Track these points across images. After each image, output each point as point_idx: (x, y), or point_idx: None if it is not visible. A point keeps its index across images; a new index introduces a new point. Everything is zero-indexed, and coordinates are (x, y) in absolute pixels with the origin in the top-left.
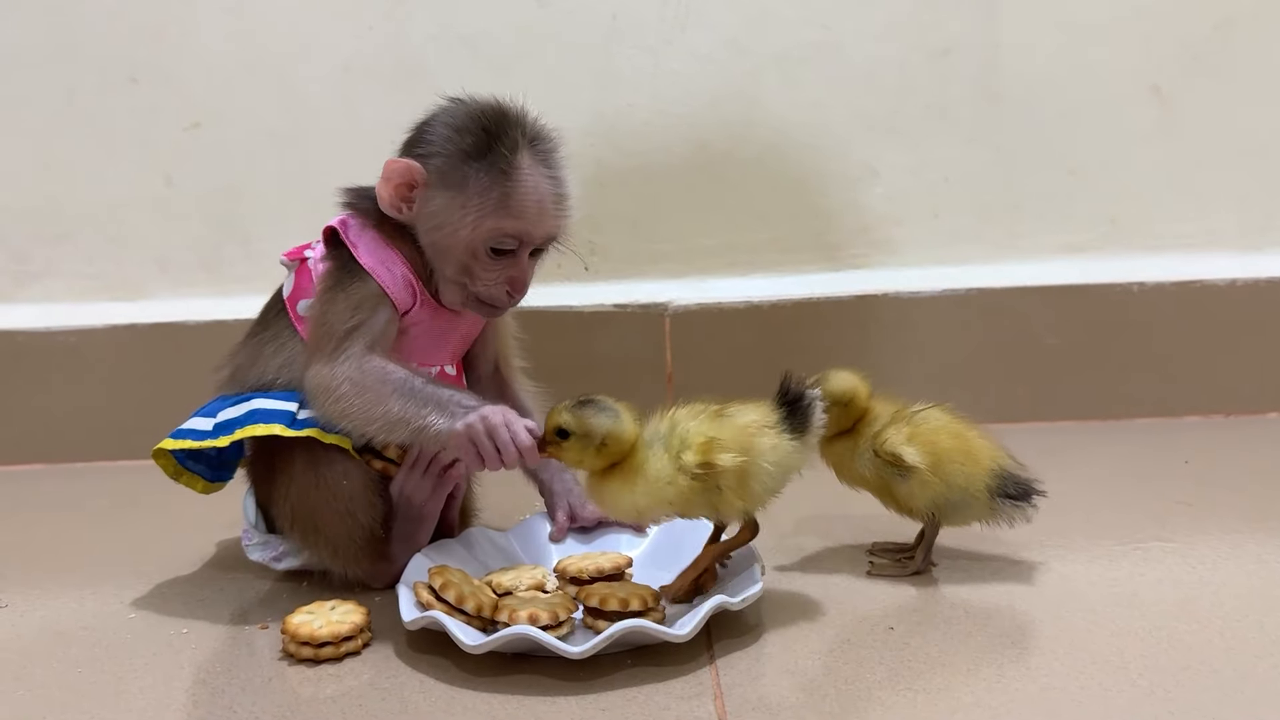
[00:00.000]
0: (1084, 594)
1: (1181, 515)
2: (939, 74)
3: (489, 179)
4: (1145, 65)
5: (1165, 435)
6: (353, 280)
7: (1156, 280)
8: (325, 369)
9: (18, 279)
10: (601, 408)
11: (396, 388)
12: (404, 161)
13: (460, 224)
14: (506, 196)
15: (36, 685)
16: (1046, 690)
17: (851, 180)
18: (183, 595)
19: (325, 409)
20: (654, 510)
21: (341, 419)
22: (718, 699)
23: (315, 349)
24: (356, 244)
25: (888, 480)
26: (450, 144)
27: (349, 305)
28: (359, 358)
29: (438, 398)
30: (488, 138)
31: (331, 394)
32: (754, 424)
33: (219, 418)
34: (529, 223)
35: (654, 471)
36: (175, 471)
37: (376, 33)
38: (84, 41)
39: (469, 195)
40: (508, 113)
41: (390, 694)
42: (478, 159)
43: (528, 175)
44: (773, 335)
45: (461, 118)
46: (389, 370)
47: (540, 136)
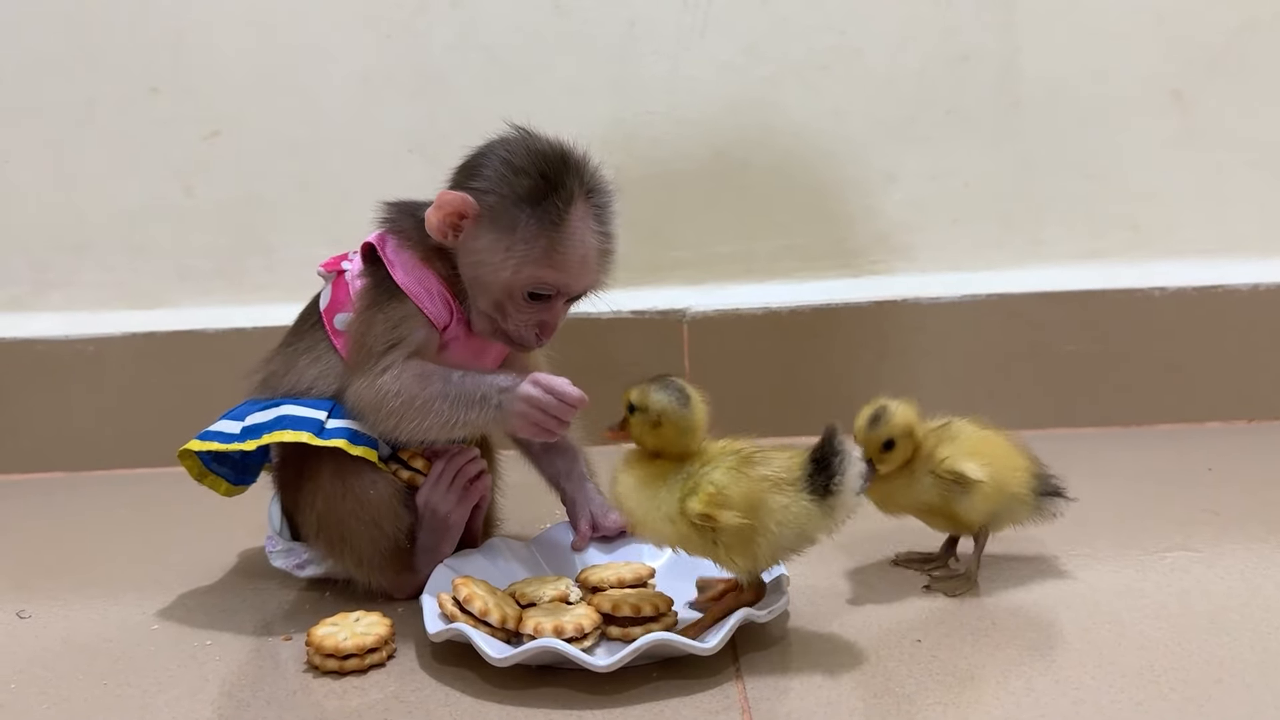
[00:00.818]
0: (1112, 605)
1: (1207, 524)
2: (958, 80)
3: (538, 227)
4: (1166, 69)
5: (1187, 442)
6: (390, 300)
7: (1178, 285)
8: (367, 385)
9: (38, 288)
10: (667, 386)
11: (439, 388)
12: (459, 195)
13: (502, 266)
14: (552, 248)
15: (61, 699)
16: (1078, 704)
17: (870, 187)
18: (205, 606)
19: (378, 424)
20: (651, 535)
21: (396, 431)
22: (745, 714)
23: (355, 367)
24: (394, 262)
25: (950, 499)
26: (505, 184)
27: (387, 325)
28: (399, 366)
29: (479, 386)
30: (545, 184)
31: (380, 408)
32: (770, 480)
33: (247, 421)
34: (570, 276)
35: (660, 499)
36: (200, 473)
37: (396, 42)
38: (104, 52)
39: (515, 240)
40: (569, 160)
41: (415, 707)
42: (531, 205)
43: (577, 229)
44: (791, 342)
45: (522, 157)
46: (426, 369)
47: (597, 189)
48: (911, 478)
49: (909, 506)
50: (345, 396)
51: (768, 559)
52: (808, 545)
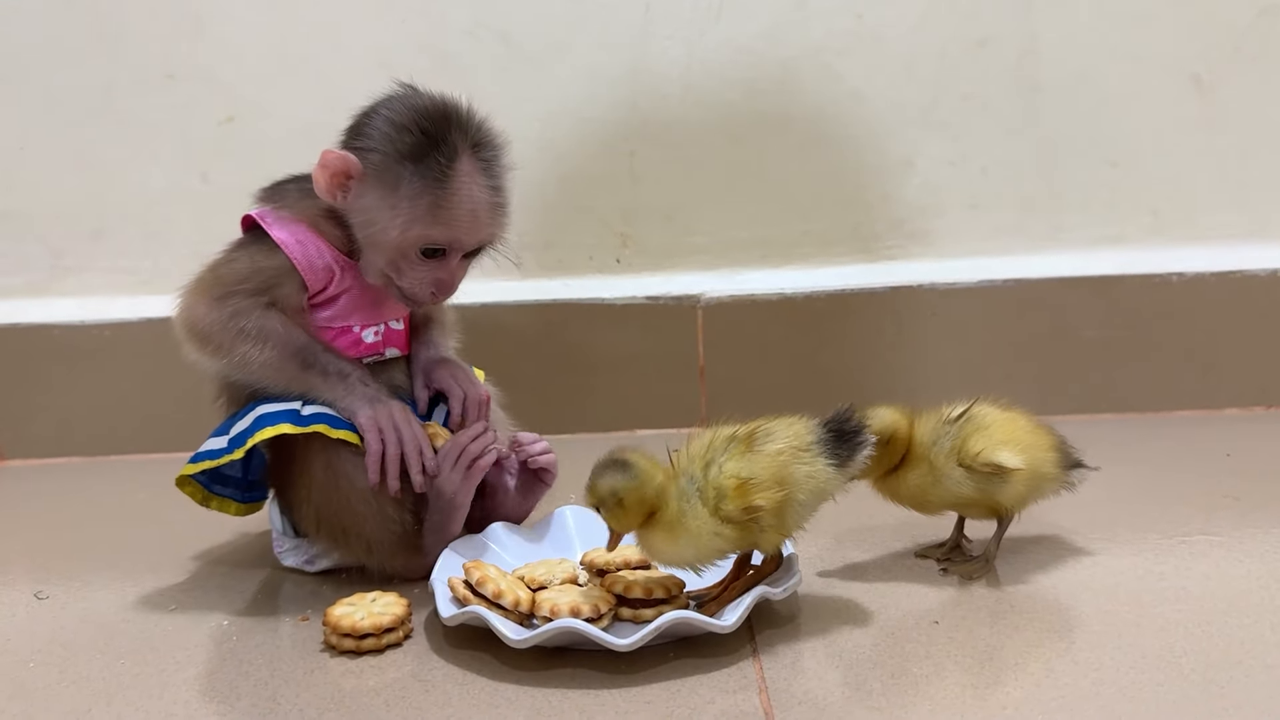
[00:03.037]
0: (1131, 588)
1: (1227, 509)
2: (977, 64)
3: (422, 184)
4: (1186, 54)
5: (1206, 428)
6: (262, 247)
7: (1197, 271)
8: (205, 308)
9: (55, 273)
10: (606, 466)
11: (294, 351)
12: (340, 154)
13: (390, 225)
14: (437, 205)
15: (81, 678)
16: (1098, 685)
17: (888, 171)
18: (222, 588)
19: (192, 345)
20: (705, 560)
21: (214, 363)
22: (762, 692)
23: (194, 287)
24: (271, 222)
25: (988, 490)
26: (388, 141)
27: (251, 265)
28: (252, 308)
29: (339, 369)
30: (426, 141)
31: (208, 337)
32: (787, 451)
33: (231, 433)
34: (460, 231)
35: (695, 527)
36: (204, 499)
37: (411, 27)
38: (121, 38)
39: (400, 198)
40: (450, 114)
41: (433, 686)
42: (413, 161)
43: (463, 184)
44: (806, 328)
45: (404, 114)
46: (289, 331)
47: (483, 142)
48: (935, 475)
49: (944, 501)
50: (175, 307)
51: (795, 525)
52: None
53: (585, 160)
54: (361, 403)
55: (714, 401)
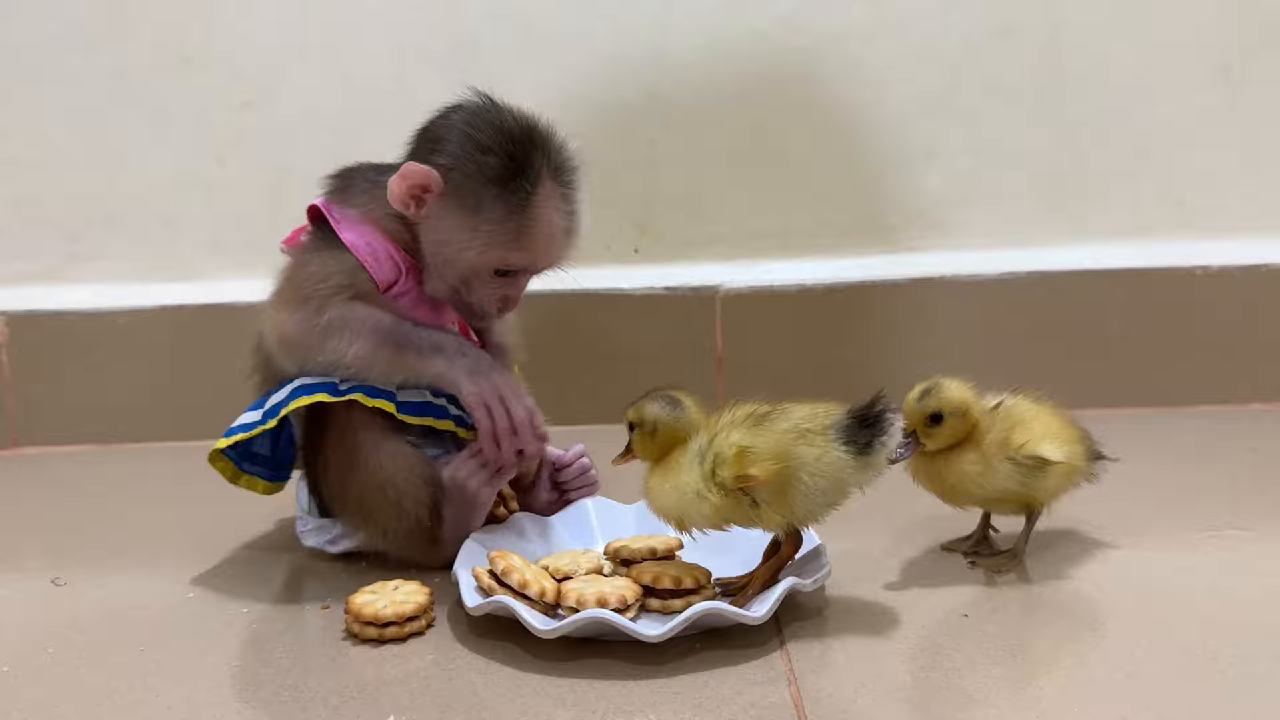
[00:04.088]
0: (1163, 582)
1: (1255, 503)
2: (1000, 52)
3: (504, 210)
4: (1214, 43)
5: (1229, 423)
6: (331, 249)
7: (1222, 264)
8: (296, 319)
9: (70, 259)
10: (657, 397)
11: (385, 334)
12: (425, 169)
13: (468, 246)
14: (520, 230)
15: (101, 664)
16: (1134, 678)
17: (909, 161)
18: (242, 575)
19: (288, 357)
20: (686, 516)
21: (317, 366)
22: (791, 684)
23: (278, 299)
24: (340, 221)
25: (1028, 483)
26: (471, 162)
27: (324, 269)
28: (333, 303)
29: (434, 342)
30: (511, 165)
31: (304, 343)
32: (796, 429)
33: (267, 405)
34: (537, 256)
35: (684, 481)
36: (234, 475)
37: (430, 12)
38: (136, 22)
39: (480, 220)
40: (535, 138)
41: (457, 676)
42: (497, 186)
43: (544, 209)
44: (826, 319)
45: (487, 134)
46: (374, 314)
47: (563, 166)
48: (986, 465)
49: (984, 494)
50: (264, 332)
51: (804, 510)
52: (843, 499)
53: (604, 148)
54: (464, 376)
55: (732, 393)
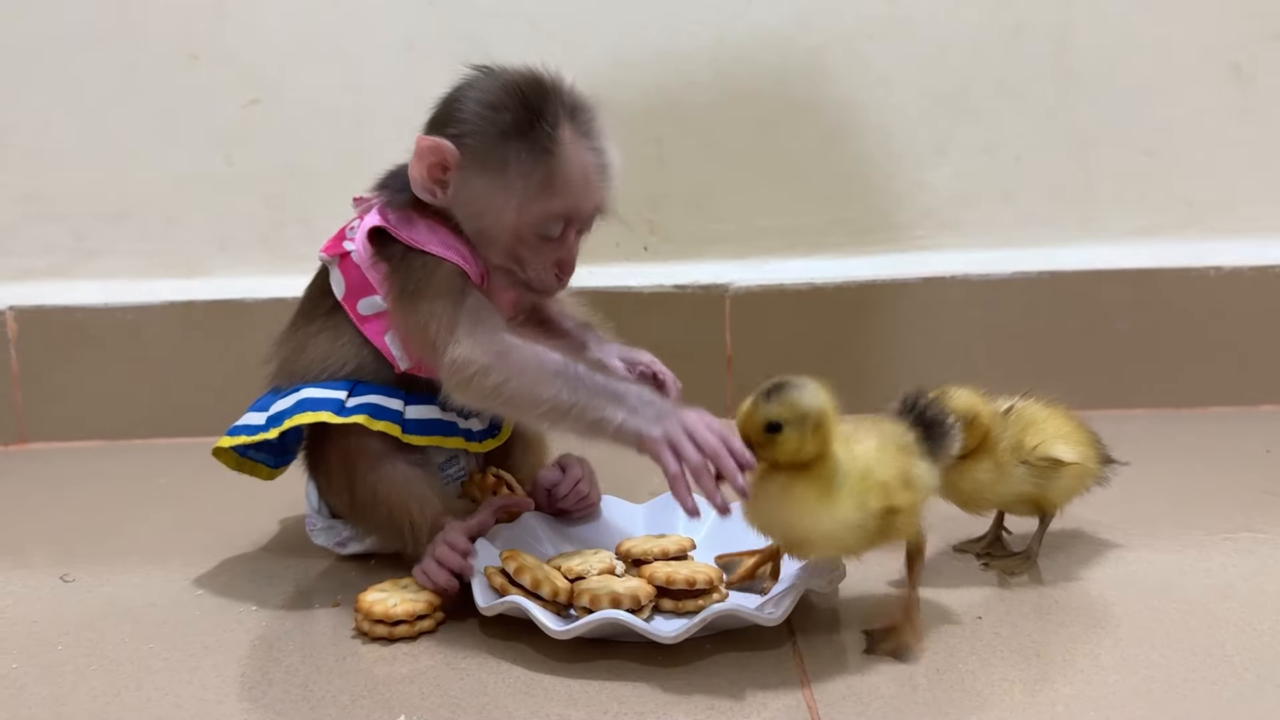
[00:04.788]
0: (1177, 585)
1: (1270, 506)
2: (1011, 51)
3: (532, 158)
4: (1225, 42)
5: (1242, 425)
6: (421, 272)
7: (1234, 265)
8: (461, 350)
9: (78, 256)
10: (799, 386)
11: (558, 370)
12: (434, 140)
13: (505, 208)
14: (552, 175)
15: (109, 661)
16: (1149, 682)
17: (920, 160)
18: (249, 572)
19: (476, 388)
20: (824, 548)
21: (497, 398)
22: (805, 687)
23: (435, 344)
24: (412, 237)
25: (1042, 486)
26: (486, 122)
27: (436, 293)
28: (493, 332)
29: (611, 389)
30: (528, 113)
31: (481, 370)
32: (902, 448)
33: (271, 411)
34: (577, 199)
35: (846, 504)
36: (237, 463)
37: (438, 9)
38: (144, 19)
39: (511, 177)
40: (545, 83)
41: (467, 674)
42: (518, 137)
43: (571, 149)
44: (835, 318)
45: (496, 92)
46: (542, 352)
47: (580, 106)
48: (1000, 471)
49: (1000, 500)
50: (440, 374)
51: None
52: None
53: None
54: (648, 423)
55: (741, 392)
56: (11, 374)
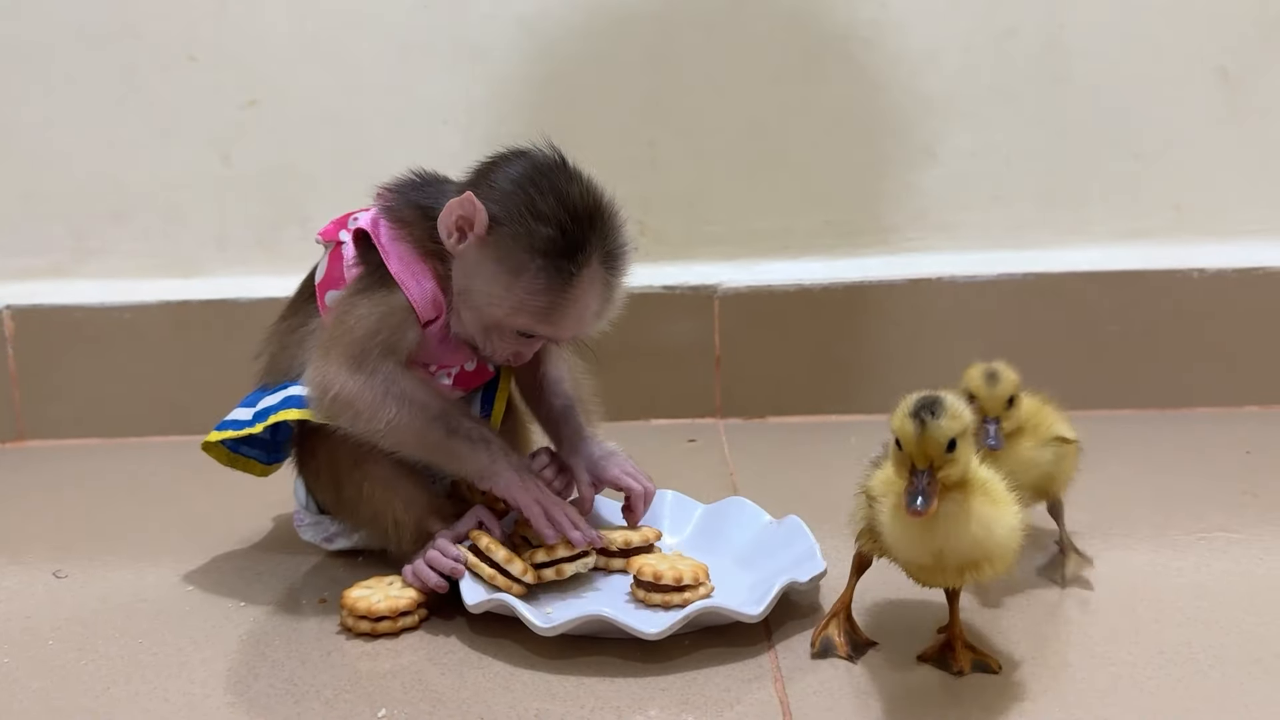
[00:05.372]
0: (1149, 584)
1: (1247, 506)
2: (1002, 55)
3: (545, 284)
4: (1214, 47)
5: (1225, 425)
6: (381, 288)
7: (1219, 267)
8: (346, 375)
9: (77, 255)
10: (950, 399)
11: (436, 415)
12: (480, 210)
13: (499, 303)
14: (553, 307)
15: (99, 656)
16: (1117, 680)
17: (910, 162)
18: (239, 569)
19: (335, 415)
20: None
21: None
22: (778, 682)
23: (332, 347)
24: (389, 252)
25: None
26: (524, 225)
27: (375, 314)
28: (390, 372)
29: (483, 435)
30: (564, 242)
31: (352, 408)
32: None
33: (258, 406)
34: (562, 331)
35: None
36: (229, 459)
37: (433, 12)
38: (143, 20)
39: (518, 285)
40: (595, 218)
41: (449, 670)
42: (544, 257)
43: (583, 292)
44: (824, 318)
45: (549, 201)
46: (429, 393)
47: (614, 252)
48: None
49: (1034, 484)
50: (310, 373)
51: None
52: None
53: (604, 148)
54: (510, 473)
55: (729, 392)
56: (9, 372)
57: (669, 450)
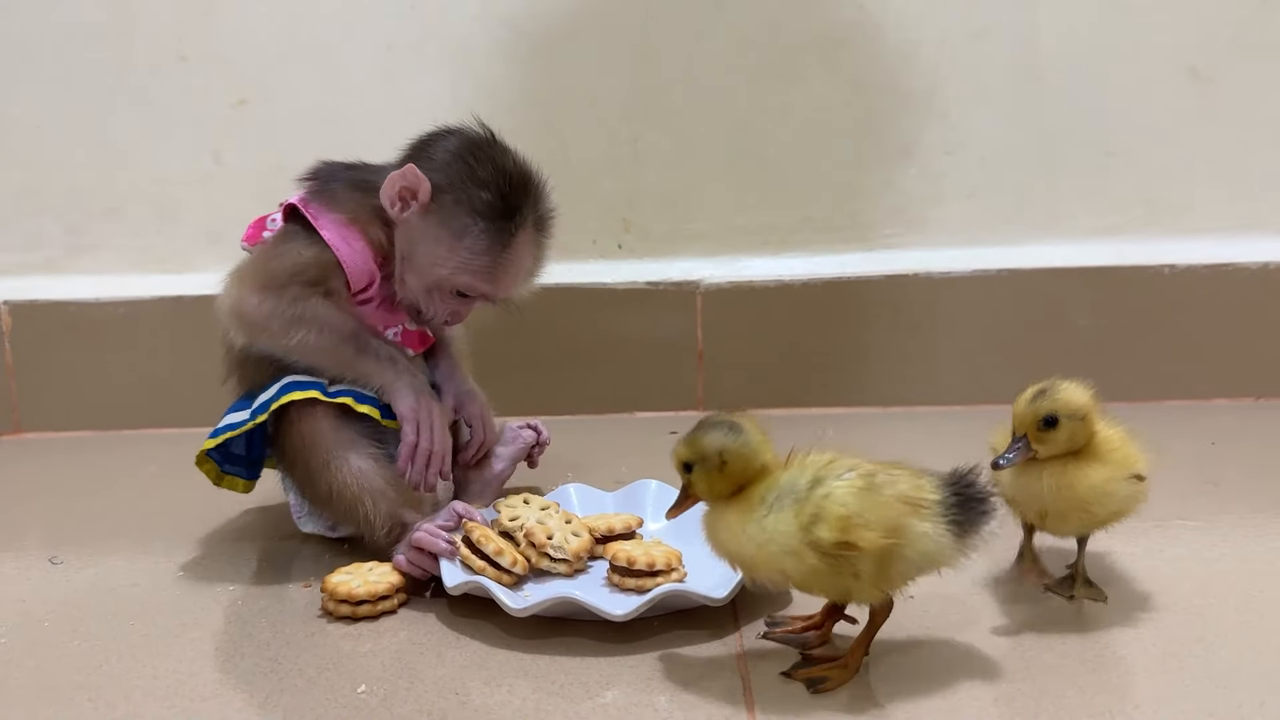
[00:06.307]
0: (1101, 569)
1: (1206, 496)
2: (977, 54)
3: (486, 244)
4: (1184, 46)
5: (1193, 417)
6: (309, 242)
7: (1189, 263)
8: (257, 300)
9: (71, 251)
10: (712, 425)
11: (347, 335)
12: (424, 179)
13: (442, 264)
14: (493, 264)
15: (92, 637)
16: (1063, 658)
17: (887, 160)
18: (229, 556)
19: (248, 334)
20: (760, 567)
21: (271, 349)
22: (740, 661)
23: (245, 277)
24: (319, 219)
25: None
26: (464, 190)
27: (300, 259)
28: (304, 298)
29: (389, 354)
30: (502, 205)
31: (265, 325)
32: (907, 499)
33: (255, 404)
34: (500, 290)
35: (771, 529)
36: (217, 477)
37: (419, 12)
38: (136, 21)
39: (460, 246)
40: (529, 185)
41: (427, 649)
42: (485, 219)
43: (520, 252)
44: (804, 314)
45: (487, 169)
46: (342, 317)
47: (545, 217)
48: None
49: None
50: (221, 297)
51: (900, 582)
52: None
53: (589, 146)
54: (408, 391)
55: (711, 386)
56: (6, 366)
57: (652, 442)
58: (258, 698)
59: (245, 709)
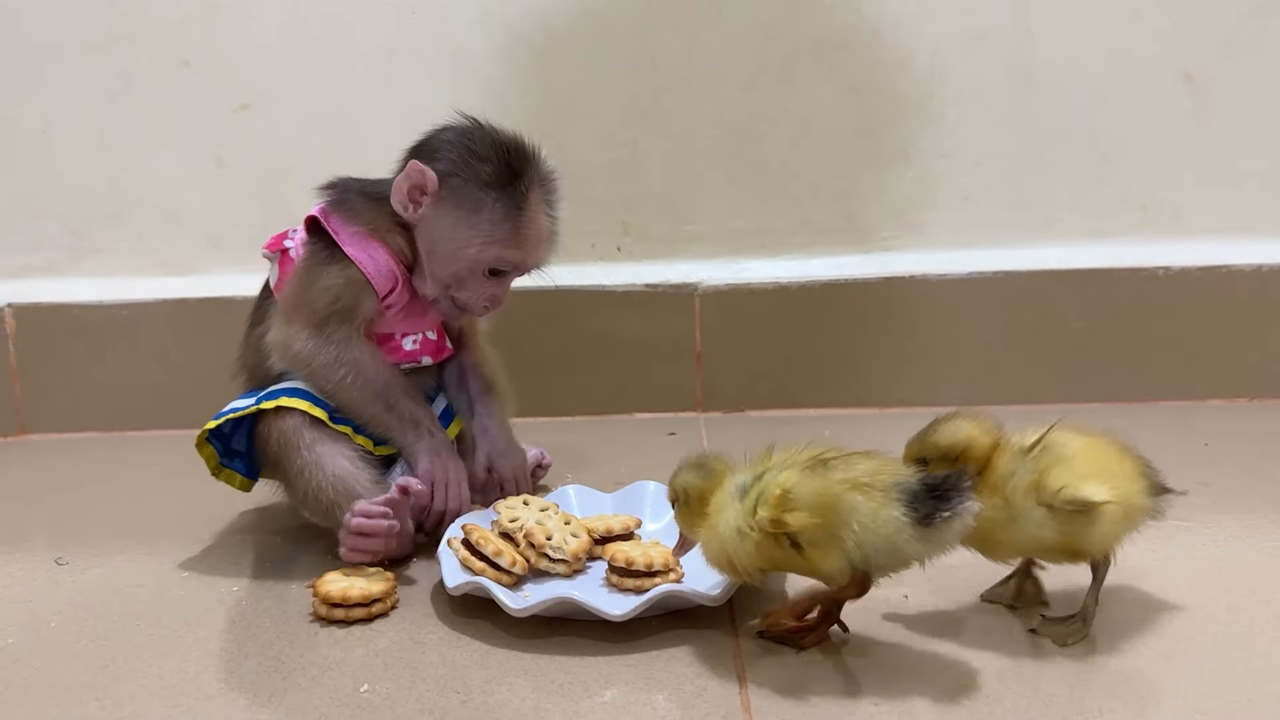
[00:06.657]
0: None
1: (1198, 495)
2: (972, 58)
3: (504, 210)
4: (1178, 51)
5: (1188, 418)
6: (335, 262)
7: (1183, 265)
8: (304, 338)
9: (74, 254)
10: (684, 465)
11: (379, 391)
12: (424, 167)
13: (468, 243)
14: (516, 229)
15: (98, 637)
16: (1053, 658)
17: (884, 164)
18: (232, 556)
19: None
20: (740, 563)
21: (311, 385)
22: (737, 659)
23: (292, 313)
24: (340, 233)
25: (1072, 533)
26: (469, 168)
27: (332, 284)
28: (346, 340)
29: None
30: (508, 171)
31: (308, 364)
32: (853, 481)
33: (263, 394)
34: (529, 254)
35: (724, 521)
36: (216, 468)
37: (419, 17)
38: (139, 26)
39: (481, 220)
40: (527, 150)
41: (429, 649)
42: (496, 189)
43: (535, 213)
44: (801, 316)
45: (483, 145)
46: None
47: (548, 178)
48: (1011, 511)
49: (1019, 545)
50: (274, 332)
51: (859, 557)
52: (901, 565)
53: (588, 150)
54: (426, 452)
55: (709, 387)
56: (11, 368)
57: (650, 443)
58: (261, 697)
59: (249, 708)
